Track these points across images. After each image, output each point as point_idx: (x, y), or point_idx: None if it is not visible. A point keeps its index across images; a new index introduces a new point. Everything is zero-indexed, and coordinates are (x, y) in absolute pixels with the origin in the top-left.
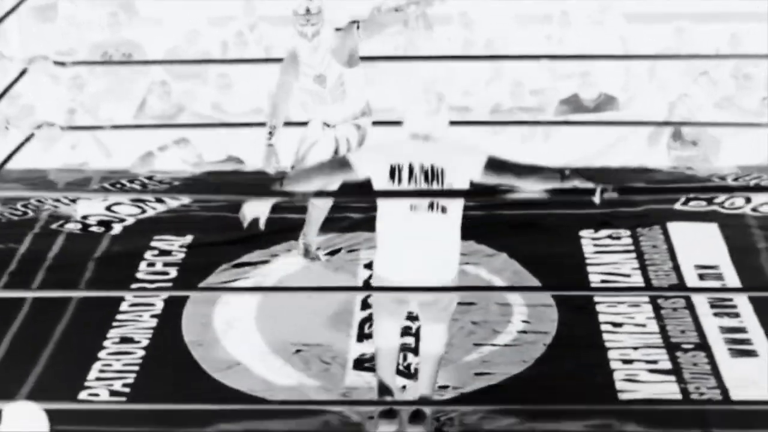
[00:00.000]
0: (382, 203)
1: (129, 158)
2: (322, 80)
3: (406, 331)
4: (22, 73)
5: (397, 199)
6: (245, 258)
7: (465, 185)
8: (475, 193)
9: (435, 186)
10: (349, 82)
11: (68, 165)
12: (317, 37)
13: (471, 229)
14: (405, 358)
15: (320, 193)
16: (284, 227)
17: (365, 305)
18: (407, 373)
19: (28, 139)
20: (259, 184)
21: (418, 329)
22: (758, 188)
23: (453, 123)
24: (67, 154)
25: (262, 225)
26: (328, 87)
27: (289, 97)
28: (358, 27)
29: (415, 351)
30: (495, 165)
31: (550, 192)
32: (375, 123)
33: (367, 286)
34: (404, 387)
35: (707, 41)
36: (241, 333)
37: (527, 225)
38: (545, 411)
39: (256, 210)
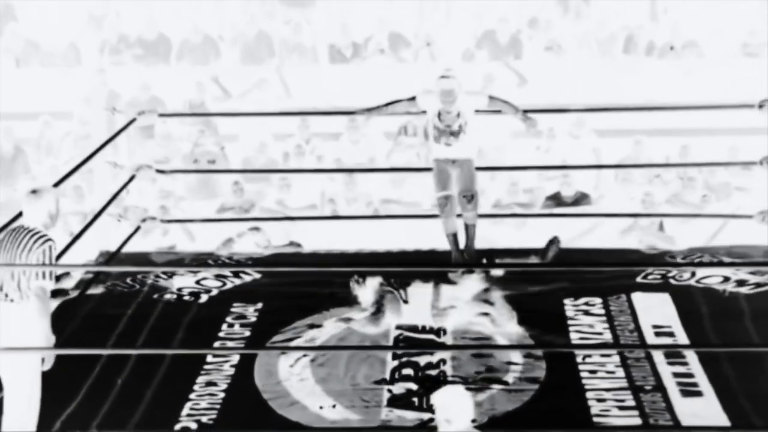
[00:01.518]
0: None
1: (214, 242)
2: None
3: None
4: (131, 178)
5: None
6: (304, 321)
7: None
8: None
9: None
10: None
11: (160, 248)
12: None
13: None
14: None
15: None
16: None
17: (395, 356)
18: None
19: (136, 231)
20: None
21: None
22: (701, 264)
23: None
24: (159, 240)
25: None
26: None
27: None
28: None
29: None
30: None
31: None
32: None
33: (395, 345)
34: None
35: (660, 150)
36: (300, 378)
37: (523, 298)
38: None
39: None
